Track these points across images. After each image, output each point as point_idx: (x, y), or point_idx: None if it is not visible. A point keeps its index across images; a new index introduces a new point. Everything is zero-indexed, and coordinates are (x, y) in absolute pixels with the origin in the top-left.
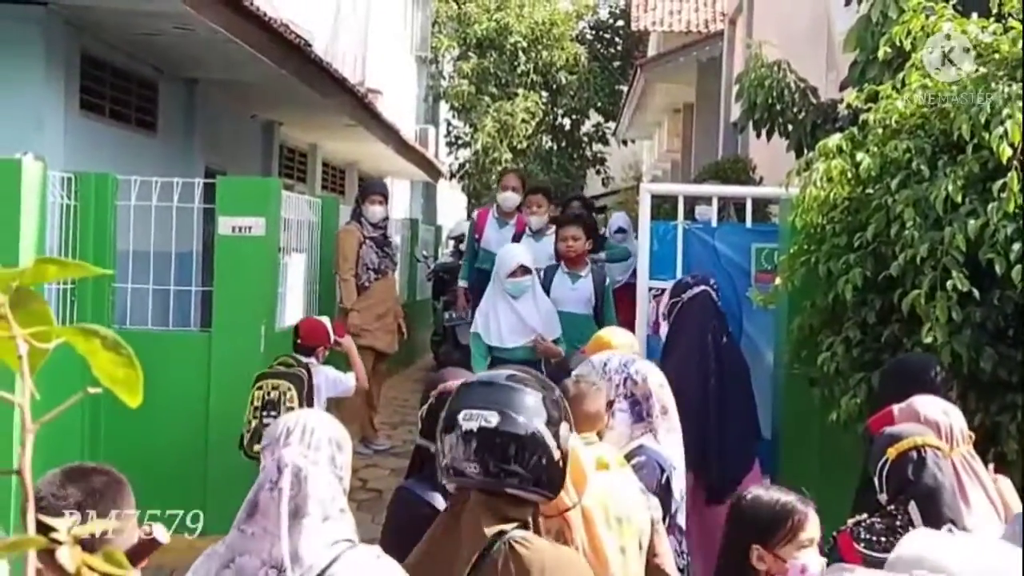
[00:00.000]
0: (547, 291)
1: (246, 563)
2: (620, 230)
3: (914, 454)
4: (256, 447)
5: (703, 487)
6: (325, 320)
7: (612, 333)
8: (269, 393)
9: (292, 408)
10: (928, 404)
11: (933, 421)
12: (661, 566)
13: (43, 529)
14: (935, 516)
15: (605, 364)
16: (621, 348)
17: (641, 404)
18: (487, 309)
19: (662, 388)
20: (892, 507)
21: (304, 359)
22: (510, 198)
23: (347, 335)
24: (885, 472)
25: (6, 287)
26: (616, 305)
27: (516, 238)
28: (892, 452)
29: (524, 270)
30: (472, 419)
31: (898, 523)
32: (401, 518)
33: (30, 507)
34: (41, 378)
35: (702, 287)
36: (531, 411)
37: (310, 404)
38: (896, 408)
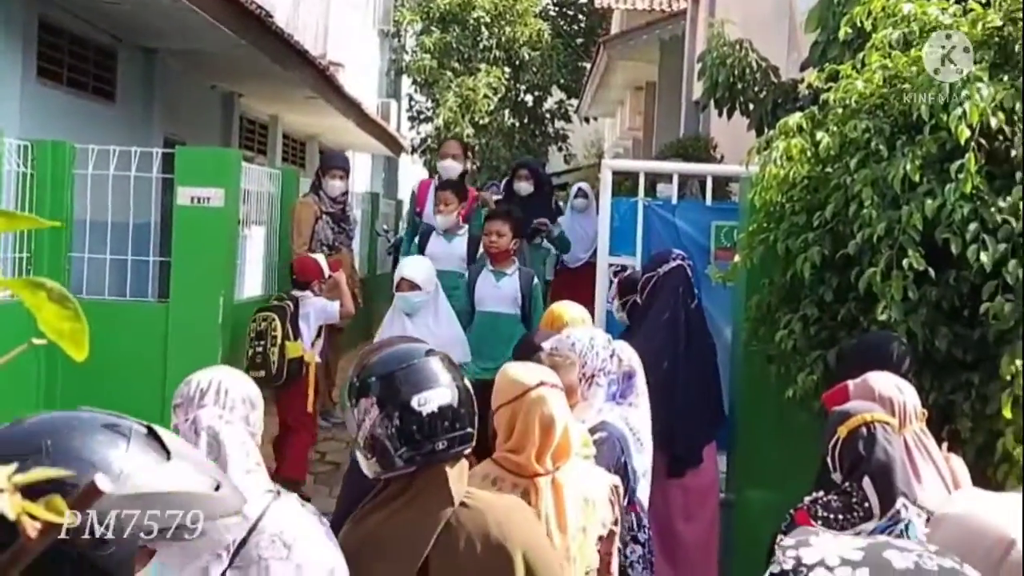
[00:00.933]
0: (471, 290)
1: None
2: (581, 192)
3: (864, 431)
4: (251, 374)
5: (664, 462)
6: (319, 257)
7: (565, 307)
8: (260, 325)
9: (276, 337)
10: (882, 380)
11: (887, 397)
12: (609, 566)
13: None
14: (888, 491)
15: (592, 339)
16: (574, 323)
17: (619, 383)
18: (386, 325)
19: (641, 368)
20: (847, 484)
21: (298, 293)
22: (450, 167)
23: (340, 270)
24: (838, 451)
25: None
26: (579, 282)
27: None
28: (843, 431)
29: (411, 285)
30: (428, 402)
31: (853, 500)
32: (356, 487)
33: None
34: None
35: (678, 261)
36: (456, 373)
37: (295, 331)
38: (851, 384)
